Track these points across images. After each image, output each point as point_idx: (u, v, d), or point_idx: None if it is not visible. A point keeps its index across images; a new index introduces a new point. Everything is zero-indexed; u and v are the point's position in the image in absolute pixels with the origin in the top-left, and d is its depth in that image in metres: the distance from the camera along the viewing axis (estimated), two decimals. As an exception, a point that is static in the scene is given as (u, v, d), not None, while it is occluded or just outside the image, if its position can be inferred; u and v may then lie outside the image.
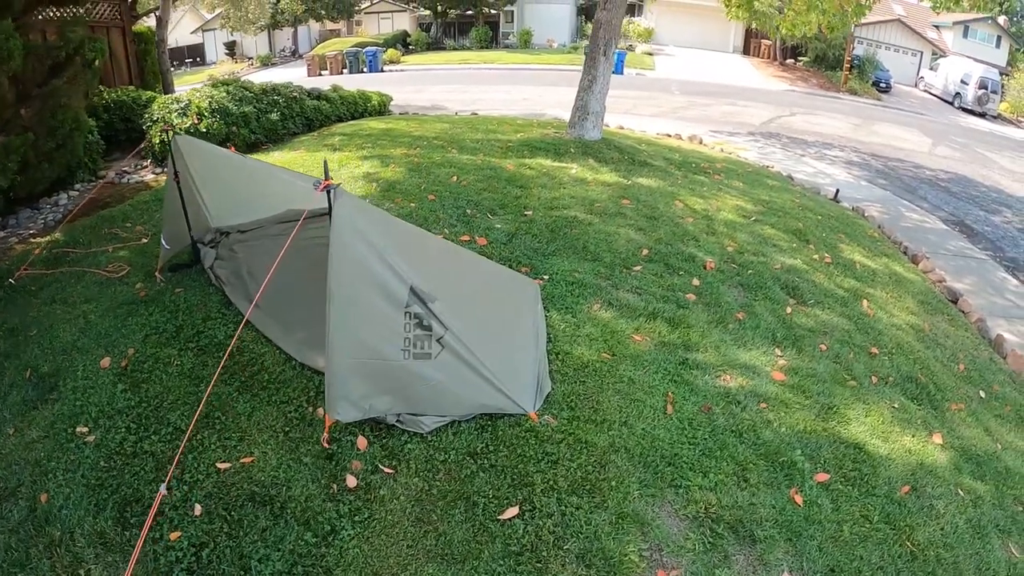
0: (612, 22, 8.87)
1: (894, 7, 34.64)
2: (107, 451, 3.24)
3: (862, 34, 30.81)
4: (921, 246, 8.46)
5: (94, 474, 3.10)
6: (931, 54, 34.03)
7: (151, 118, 7.96)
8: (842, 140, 15.34)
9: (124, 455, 3.21)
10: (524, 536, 2.82)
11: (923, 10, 33.08)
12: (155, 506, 2.43)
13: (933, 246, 8.71)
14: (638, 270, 5.42)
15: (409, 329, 3.00)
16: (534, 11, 35.78)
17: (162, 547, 2.72)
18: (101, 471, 3.12)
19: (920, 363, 5.14)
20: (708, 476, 3.32)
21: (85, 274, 5.09)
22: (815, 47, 29.74)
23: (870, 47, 32.13)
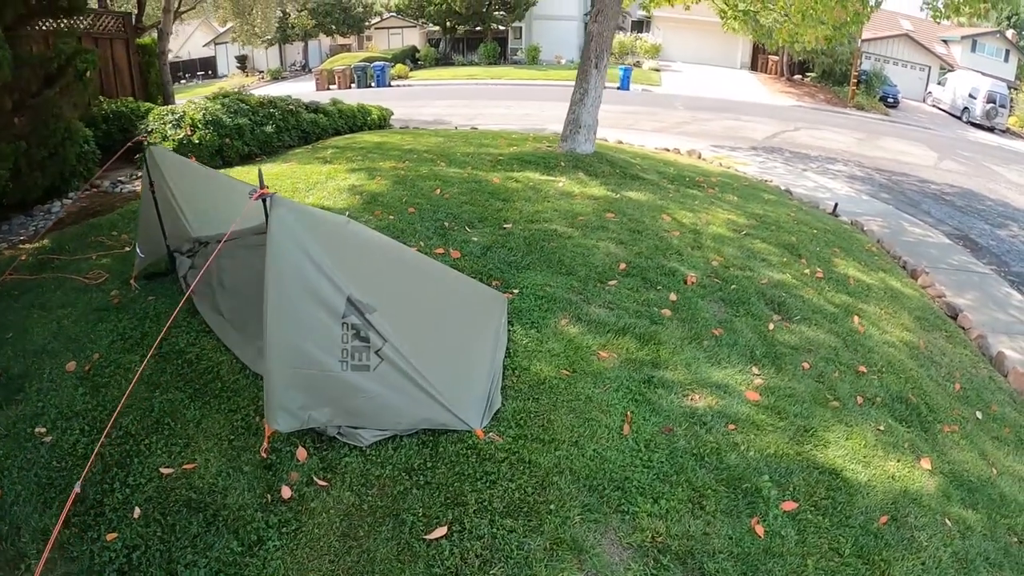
0: (604, 34, 8.87)
1: (902, 22, 34.54)
2: (61, 452, 3.30)
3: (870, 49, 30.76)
4: (921, 260, 8.32)
5: (46, 473, 3.16)
6: (939, 69, 33.84)
7: (146, 129, 8.06)
8: (846, 155, 15.26)
9: (75, 456, 3.26)
10: (449, 558, 2.73)
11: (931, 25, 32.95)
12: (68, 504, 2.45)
13: (934, 260, 8.57)
14: (613, 284, 5.35)
15: (347, 340, 2.98)
16: (542, 27, 36.03)
17: (98, 547, 2.77)
18: (52, 471, 3.18)
19: (912, 382, 4.98)
20: (659, 502, 3.16)
21: (66, 280, 5.14)
22: (822, 62, 29.68)
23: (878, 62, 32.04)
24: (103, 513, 2.94)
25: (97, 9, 8.87)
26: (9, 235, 6.25)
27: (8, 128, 5.39)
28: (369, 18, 40.36)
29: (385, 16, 40.70)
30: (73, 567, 2.70)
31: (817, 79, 30.61)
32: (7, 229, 6.36)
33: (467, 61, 36.74)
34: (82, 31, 8.40)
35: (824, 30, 8.91)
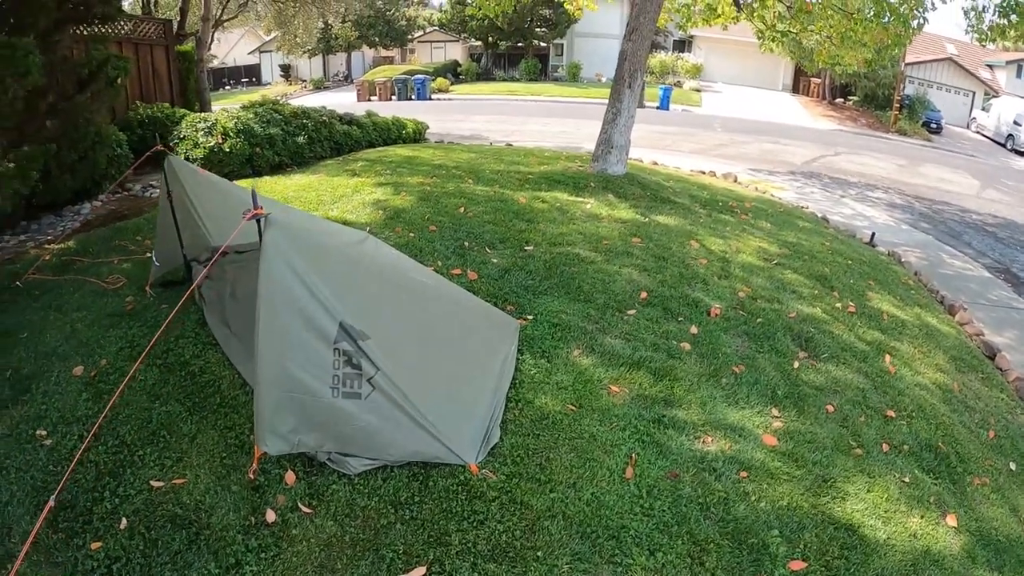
0: (638, 53, 8.75)
1: (947, 46, 33.63)
2: (58, 456, 3.31)
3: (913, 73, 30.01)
4: (960, 295, 7.95)
5: (41, 476, 3.17)
6: (983, 94, 32.76)
7: (179, 135, 8.16)
8: (886, 181, 14.81)
9: (71, 461, 3.21)
10: (425, 601, 2.61)
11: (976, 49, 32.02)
12: (43, 517, 2.41)
13: (973, 295, 8.18)
14: (632, 314, 5.18)
15: (338, 366, 2.89)
16: (584, 45, 36.08)
17: (82, 555, 2.76)
18: (48, 474, 3.19)
19: (943, 429, 4.66)
20: (656, 555, 2.94)
21: (85, 283, 5.20)
22: (865, 86, 29.06)
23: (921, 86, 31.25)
24: (91, 521, 2.92)
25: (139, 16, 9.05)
26: (37, 234, 6.37)
27: (39, 131, 5.50)
28: (412, 31, 40.91)
29: (428, 30, 41.21)
30: (56, 572, 2.69)
31: (859, 103, 29.99)
32: (36, 228, 6.49)
33: (508, 77, 36.94)
34: (123, 37, 8.60)
35: (865, 52, 8.66)
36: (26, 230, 6.39)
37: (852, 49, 8.60)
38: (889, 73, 27.51)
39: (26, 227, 6.43)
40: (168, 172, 4.57)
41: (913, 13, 8.13)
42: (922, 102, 29.15)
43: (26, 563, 2.69)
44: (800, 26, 9.28)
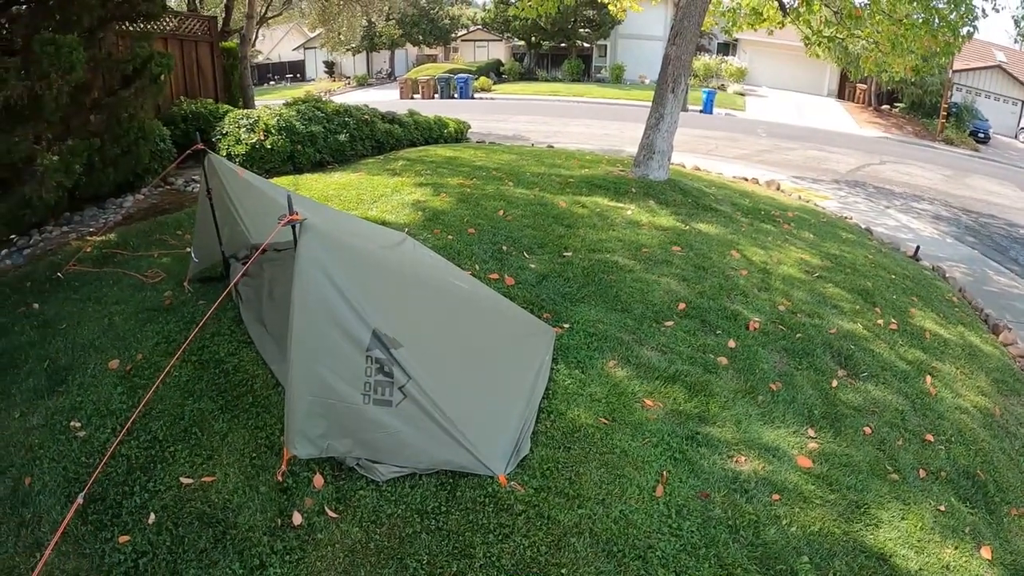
0: (682, 58, 8.59)
1: (996, 53, 32.37)
2: (90, 448, 3.37)
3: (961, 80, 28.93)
4: (1005, 314, 7.60)
5: (74, 468, 3.23)
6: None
7: (221, 131, 8.28)
8: (932, 192, 14.31)
9: (104, 454, 3.28)
10: (447, 615, 2.57)
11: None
12: (70, 514, 2.43)
13: (1018, 314, 7.81)
14: (669, 326, 5.08)
15: (370, 373, 2.87)
16: (627, 47, 35.74)
17: (110, 547, 2.80)
18: (80, 466, 3.25)
19: (982, 455, 4.45)
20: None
21: (124, 277, 5.29)
22: (911, 93, 28.16)
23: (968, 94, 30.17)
24: (120, 515, 2.97)
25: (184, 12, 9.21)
26: (80, 226, 6.52)
27: (84, 125, 5.63)
28: (455, 30, 41.05)
29: (471, 29, 41.33)
30: (84, 563, 2.74)
31: (906, 110, 29.11)
32: (79, 220, 6.64)
33: (551, 77, 36.81)
34: (168, 33, 8.76)
35: (913, 60, 8.36)
36: (69, 221, 6.55)
37: (900, 56, 8.32)
38: (936, 80, 26.65)
39: (69, 218, 6.59)
40: (208, 170, 4.61)
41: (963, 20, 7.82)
42: (969, 110, 28.13)
43: (55, 554, 2.75)
44: (847, 32, 9.02)
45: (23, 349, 4.24)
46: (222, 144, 8.24)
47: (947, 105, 26.05)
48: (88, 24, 5.29)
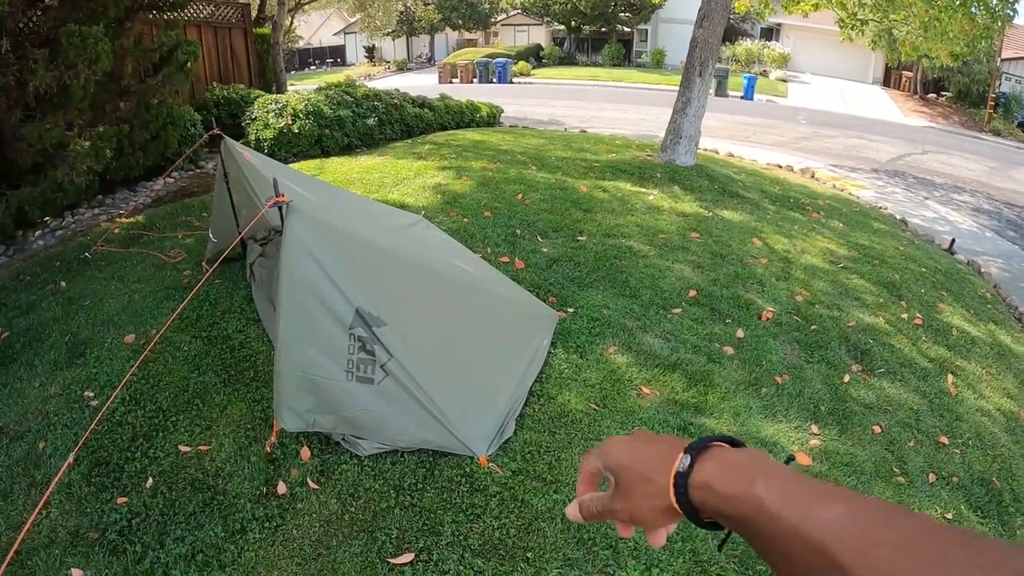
0: (709, 41, 8.43)
1: None
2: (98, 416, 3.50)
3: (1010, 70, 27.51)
4: (1041, 312, 7.36)
5: (84, 434, 3.35)
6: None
7: (251, 116, 8.46)
8: (974, 184, 13.71)
9: (112, 422, 3.49)
10: (408, 587, 2.63)
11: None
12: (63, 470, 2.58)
13: (1054, 315, 7.55)
14: (677, 313, 5.03)
15: (353, 351, 2.95)
16: (668, 31, 35.02)
17: (109, 507, 2.97)
18: (91, 432, 3.38)
19: (1000, 461, 4.24)
20: (652, 571, 2.78)
21: (148, 257, 5.50)
22: (958, 81, 26.94)
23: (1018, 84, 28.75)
24: (120, 478, 3.14)
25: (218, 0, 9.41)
26: (111, 208, 6.79)
27: (113, 112, 5.84)
28: (495, 14, 40.86)
29: (511, 13, 41.08)
30: (84, 521, 2.91)
31: (952, 99, 27.87)
32: (110, 203, 6.91)
33: (591, 61, 36.40)
34: (202, 20, 8.99)
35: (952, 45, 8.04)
36: (101, 204, 6.84)
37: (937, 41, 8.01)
38: (984, 69, 25.49)
39: (101, 201, 6.87)
40: (224, 154, 4.75)
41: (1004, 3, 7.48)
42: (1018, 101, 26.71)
43: (59, 511, 2.94)
44: (882, 14, 8.72)
45: (48, 324, 4.47)
46: (251, 128, 8.43)
47: (995, 95, 24.86)
48: (115, 14, 5.49)
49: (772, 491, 0.56)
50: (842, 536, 0.50)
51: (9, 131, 5.48)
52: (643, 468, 0.67)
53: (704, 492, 0.61)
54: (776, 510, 0.55)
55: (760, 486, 0.57)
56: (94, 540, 2.80)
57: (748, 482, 0.58)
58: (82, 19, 5.21)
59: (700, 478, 0.62)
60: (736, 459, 0.62)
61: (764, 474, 0.58)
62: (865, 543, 0.49)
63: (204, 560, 2.69)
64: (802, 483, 0.57)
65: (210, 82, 9.39)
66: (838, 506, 0.53)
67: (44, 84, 5.17)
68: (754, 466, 0.60)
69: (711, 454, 0.63)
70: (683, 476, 0.63)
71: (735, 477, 0.60)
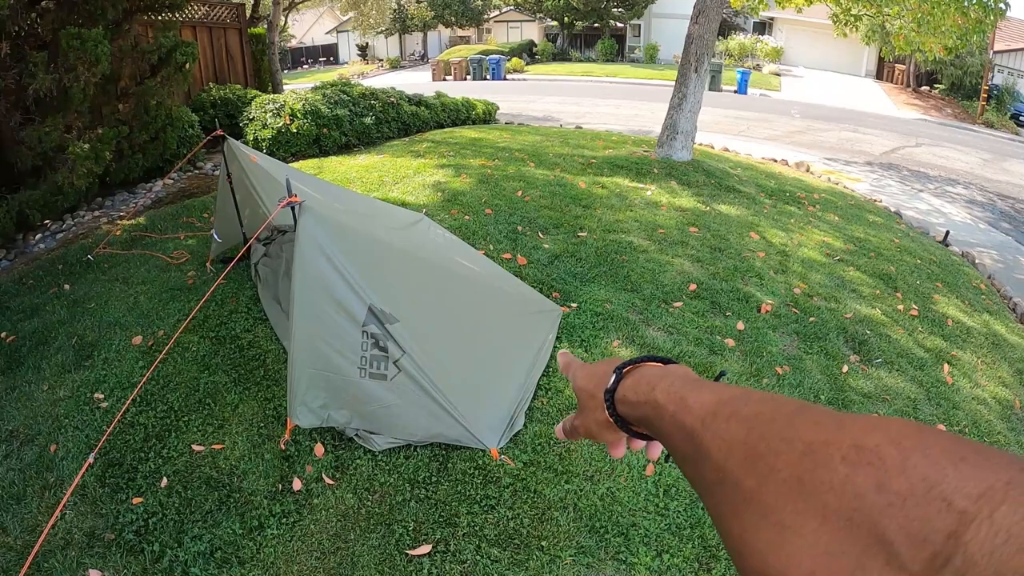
0: (704, 36, 8.48)
1: None
2: (112, 418, 3.54)
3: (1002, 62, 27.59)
4: (1035, 303, 7.43)
5: (96, 436, 3.43)
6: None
7: (248, 116, 8.47)
8: (968, 176, 13.82)
9: (123, 424, 3.52)
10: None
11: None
12: (82, 471, 2.60)
13: (1048, 304, 7.62)
14: (678, 306, 5.09)
15: (366, 348, 2.99)
16: (662, 26, 35.05)
17: (124, 508, 3.00)
18: (102, 434, 3.43)
19: None
20: (663, 557, 2.85)
21: (151, 258, 5.52)
22: (951, 74, 27.05)
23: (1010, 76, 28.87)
24: (135, 478, 3.17)
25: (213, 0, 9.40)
26: (111, 210, 6.79)
27: (112, 114, 5.85)
28: (488, 11, 40.80)
29: (504, 10, 41.02)
30: (100, 522, 2.94)
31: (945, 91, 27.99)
32: (110, 205, 6.91)
33: (584, 57, 36.41)
34: (197, 21, 8.98)
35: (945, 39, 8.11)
36: (101, 206, 6.83)
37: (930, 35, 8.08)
38: (977, 61, 25.60)
39: (101, 203, 6.87)
40: (227, 154, 4.78)
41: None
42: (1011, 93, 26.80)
43: (74, 513, 2.96)
44: (876, 9, 8.78)
45: (54, 327, 4.49)
46: (249, 129, 8.44)
47: (987, 87, 24.96)
48: (114, 16, 5.49)
49: (664, 391, 0.61)
50: (704, 420, 0.54)
51: (9, 134, 5.48)
52: (591, 387, 0.74)
53: (624, 404, 0.68)
54: (663, 403, 0.60)
55: (659, 389, 0.62)
56: (111, 541, 2.83)
57: (651, 388, 0.63)
58: (81, 22, 5.22)
59: (620, 392, 0.68)
60: (651, 372, 0.67)
61: (664, 379, 0.64)
62: (720, 421, 0.52)
63: (223, 557, 2.73)
64: (694, 381, 0.61)
65: (206, 83, 9.38)
66: (707, 395, 0.56)
67: (43, 87, 5.17)
68: (662, 375, 0.65)
69: (634, 371, 0.69)
70: (609, 392, 0.69)
71: (643, 387, 0.65)
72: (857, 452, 0.40)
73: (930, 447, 0.39)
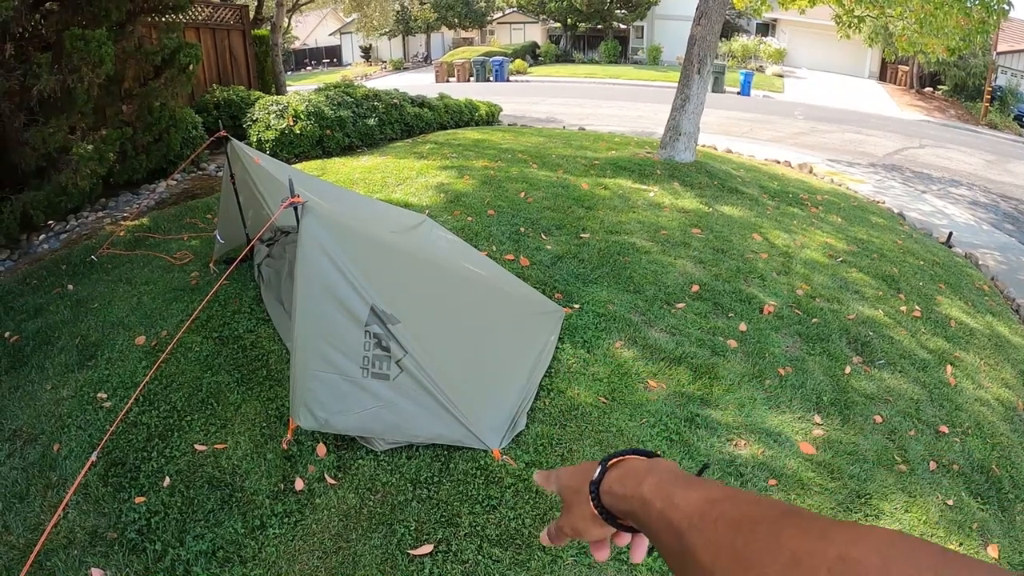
0: (707, 38, 8.48)
1: None
2: (114, 417, 3.56)
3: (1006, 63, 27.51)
4: (1038, 304, 7.41)
5: (99, 435, 3.44)
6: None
7: (252, 118, 8.49)
8: (972, 178, 13.79)
9: (126, 423, 3.53)
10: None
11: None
12: (85, 469, 2.60)
13: (1051, 306, 7.60)
14: (680, 308, 5.09)
15: (369, 348, 3.00)
16: (664, 28, 35.03)
17: (127, 507, 3.01)
18: (104, 434, 3.44)
19: (1000, 450, 4.29)
20: None
21: (154, 259, 5.54)
22: (954, 75, 26.99)
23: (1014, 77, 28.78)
24: (137, 477, 3.18)
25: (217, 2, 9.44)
26: (114, 211, 6.81)
27: (116, 115, 5.87)
28: (491, 13, 40.83)
29: (507, 11, 41.05)
30: (102, 521, 2.95)
31: (948, 93, 27.92)
32: (113, 206, 6.94)
33: (587, 59, 36.40)
34: (201, 23, 9.01)
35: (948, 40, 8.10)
36: (104, 207, 6.85)
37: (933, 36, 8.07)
38: (980, 62, 25.55)
39: (104, 204, 6.89)
40: (231, 155, 4.79)
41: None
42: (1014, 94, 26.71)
43: (76, 512, 2.97)
44: (878, 11, 8.77)
45: (57, 327, 4.50)
46: (253, 130, 8.46)
47: (991, 88, 24.88)
48: (117, 18, 5.51)
49: (652, 486, 0.63)
50: (692, 519, 0.55)
51: (13, 135, 5.50)
52: (575, 483, 0.75)
53: (609, 496, 0.69)
54: (650, 499, 0.61)
55: (646, 484, 0.64)
56: (113, 539, 2.84)
57: (638, 483, 0.65)
58: (84, 23, 5.24)
59: (606, 484, 0.70)
60: (637, 465, 0.69)
61: (652, 474, 0.65)
62: (707, 523, 0.53)
63: (225, 556, 2.74)
64: (681, 478, 0.63)
65: (210, 84, 9.41)
66: (694, 493, 0.58)
67: (47, 88, 5.19)
68: (648, 470, 0.67)
69: (620, 464, 0.71)
70: (595, 484, 0.71)
71: (630, 480, 0.67)
72: (842, 564, 0.42)
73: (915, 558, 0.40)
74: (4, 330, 4.54)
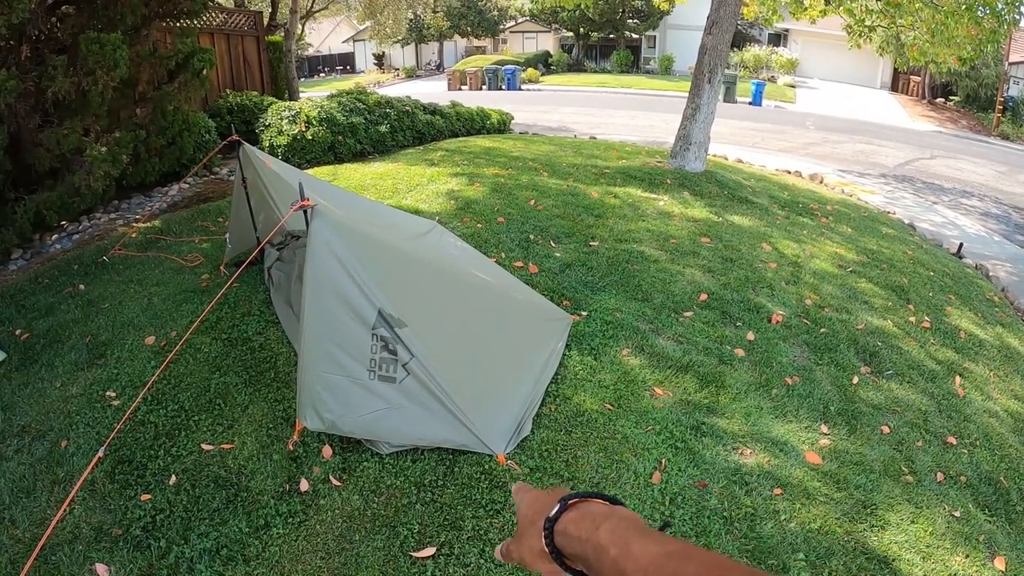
0: (718, 47, 8.49)
1: None
2: (122, 416, 3.58)
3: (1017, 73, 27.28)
4: (1048, 317, 7.34)
5: (107, 433, 3.46)
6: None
7: (264, 123, 8.56)
8: (983, 188, 13.70)
9: (134, 422, 3.56)
10: (430, 579, 2.69)
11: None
12: (92, 465, 2.61)
13: (1062, 318, 7.52)
14: (688, 316, 5.08)
15: (376, 351, 3.01)
16: (676, 37, 35.08)
17: (133, 504, 3.03)
18: (112, 431, 3.45)
19: (1008, 462, 4.25)
20: None
21: (165, 261, 5.59)
22: (966, 86, 26.84)
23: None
24: (144, 475, 3.20)
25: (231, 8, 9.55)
26: (127, 213, 6.89)
27: (130, 118, 5.94)
28: (504, 22, 41.03)
29: (519, 20, 41.26)
30: (108, 517, 2.97)
31: (960, 103, 27.77)
32: (126, 208, 7.01)
33: (599, 68, 36.52)
34: (215, 28, 9.12)
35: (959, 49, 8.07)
36: (117, 209, 6.93)
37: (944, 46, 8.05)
38: (992, 73, 25.42)
39: (117, 206, 6.97)
40: (243, 159, 4.83)
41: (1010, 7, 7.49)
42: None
43: (82, 508, 3.00)
44: (889, 21, 8.76)
45: (68, 326, 4.55)
46: (265, 135, 8.53)
47: (1003, 99, 24.73)
48: (132, 22, 5.59)
49: (609, 532, 0.62)
50: (647, 570, 0.55)
51: (28, 136, 5.57)
52: (532, 513, 0.74)
53: (563, 537, 0.67)
54: (606, 545, 0.61)
55: (603, 528, 0.63)
56: (118, 536, 2.86)
57: (595, 527, 0.64)
58: (100, 26, 5.32)
59: (561, 524, 0.68)
60: (597, 510, 0.68)
61: (610, 519, 0.64)
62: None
63: (228, 555, 2.75)
64: (641, 528, 0.62)
65: (223, 89, 9.51)
66: (652, 545, 0.58)
67: (63, 90, 5.26)
68: (608, 515, 0.66)
69: (579, 505, 0.70)
70: (551, 521, 0.69)
71: (587, 524, 0.65)
72: None
73: None
74: (15, 328, 4.59)
